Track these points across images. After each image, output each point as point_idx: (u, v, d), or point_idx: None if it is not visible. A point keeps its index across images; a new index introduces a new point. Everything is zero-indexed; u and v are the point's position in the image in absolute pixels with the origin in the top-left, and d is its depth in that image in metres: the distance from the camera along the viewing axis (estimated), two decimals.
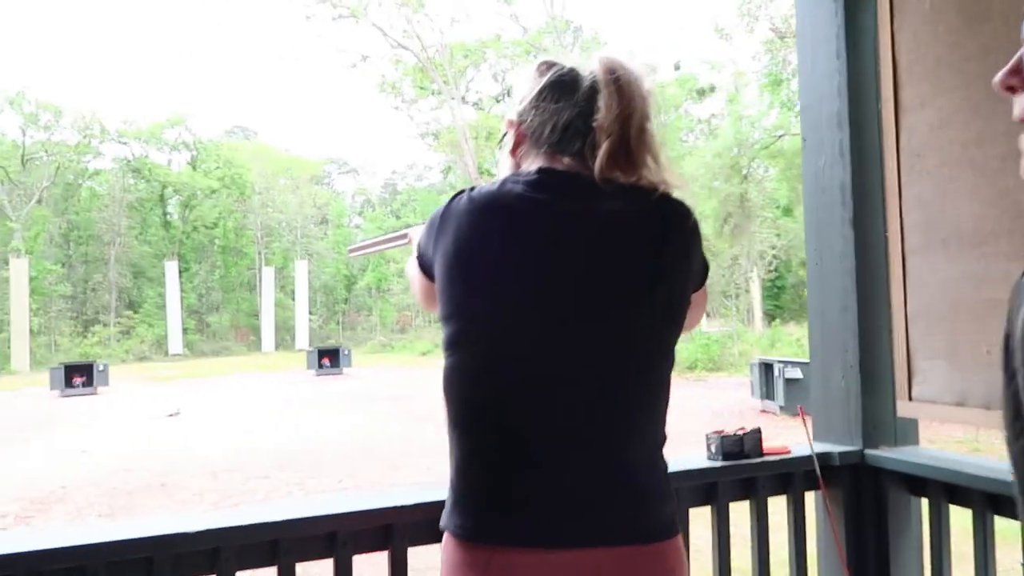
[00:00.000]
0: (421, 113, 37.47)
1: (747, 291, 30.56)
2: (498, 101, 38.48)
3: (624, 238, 1.15)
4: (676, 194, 1.21)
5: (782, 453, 1.85)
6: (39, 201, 36.27)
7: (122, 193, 38.87)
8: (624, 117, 1.17)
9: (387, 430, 12.25)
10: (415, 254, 1.33)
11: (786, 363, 12.23)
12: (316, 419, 13.78)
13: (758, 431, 1.83)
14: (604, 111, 1.18)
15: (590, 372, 1.10)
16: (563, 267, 1.12)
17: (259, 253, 42.09)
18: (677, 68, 36.48)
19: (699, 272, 1.24)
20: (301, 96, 72.30)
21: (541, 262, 1.12)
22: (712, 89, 32.89)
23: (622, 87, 1.19)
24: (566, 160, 1.20)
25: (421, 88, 35.09)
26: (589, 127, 1.18)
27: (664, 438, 1.19)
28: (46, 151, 37.22)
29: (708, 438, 1.82)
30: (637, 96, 1.20)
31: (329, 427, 12.77)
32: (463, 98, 36.41)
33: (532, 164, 1.22)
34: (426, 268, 1.25)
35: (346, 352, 24.97)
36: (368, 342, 38.32)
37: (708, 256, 1.29)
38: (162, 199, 41.12)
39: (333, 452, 10.53)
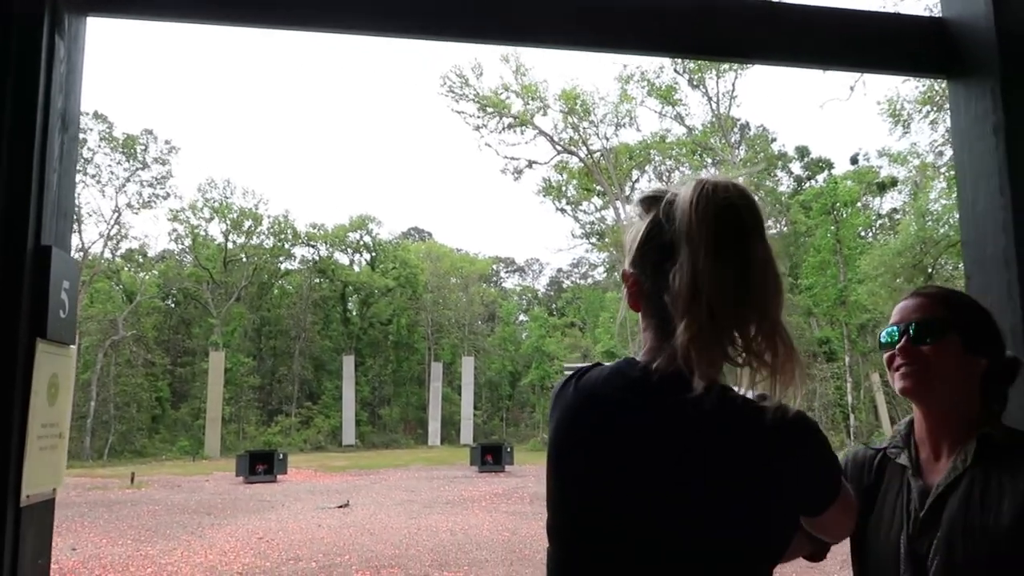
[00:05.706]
0: (586, 214, 38.26)
1: None
2: None
3: (669, 466, 0.98)
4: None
5: None
6: (237, 299, 39.80)
7: (308, 292, 41.98)
8: (699, 284, 0.94)
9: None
10: None
11: None
12: (477, 519, 13.82)
13: None
14: (678, 275, 0.95)
15: None
16: (622, 484, 1.01)
17: (429, 349, 43.73)
18: (855, 162, 35.28)
19: (807, 488, 1.02)
20: (472, 199, 75.99)
21: (611, 475, 1.02)
22: (893, 183, 31.44)
23: (702, 234, 0.94)
24: (653, 342, 1.04)
25: (586, 190, 35.94)
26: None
27: None
28: (245, 254, 41.07)
29: None
30: (727, 249, 0.95)
31: (489, 528, 12.76)
32: (628, 198, 36.87)
33: (642, 331, 1.09)
34: None
35: (508, 449, 25.09)
36: (530, 439, 38.36)
37: None
38: (343, 297, 43.97)
39: (491, 554, 10.49)
